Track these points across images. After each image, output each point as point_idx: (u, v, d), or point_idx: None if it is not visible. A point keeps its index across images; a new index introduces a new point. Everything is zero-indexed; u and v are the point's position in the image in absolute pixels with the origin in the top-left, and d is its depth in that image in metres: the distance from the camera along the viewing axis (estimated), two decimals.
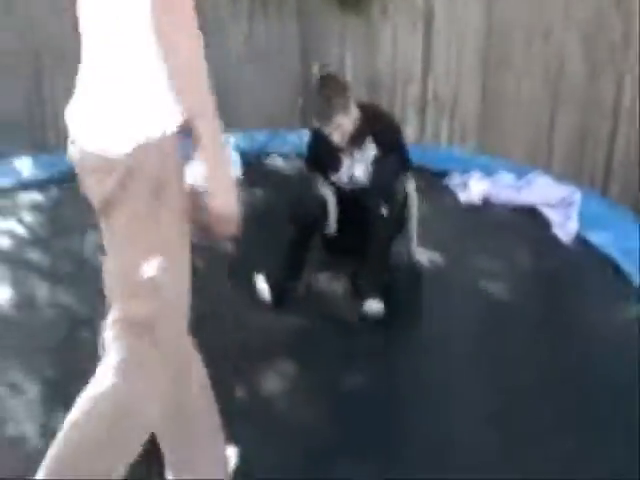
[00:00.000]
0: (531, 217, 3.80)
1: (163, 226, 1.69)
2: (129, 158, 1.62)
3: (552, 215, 3.73)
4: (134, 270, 1.69)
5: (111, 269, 1.78)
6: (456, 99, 5.26)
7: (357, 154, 3.24)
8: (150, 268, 1.67)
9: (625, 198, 4.82)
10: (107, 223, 1.73)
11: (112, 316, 1.76)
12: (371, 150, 3.24)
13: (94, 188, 1.70)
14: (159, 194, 1.65)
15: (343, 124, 3.14)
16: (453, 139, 5.32)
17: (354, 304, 3.08)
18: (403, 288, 3.32)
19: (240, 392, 2.59)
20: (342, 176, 3.30)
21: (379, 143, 3.23)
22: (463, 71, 5.26)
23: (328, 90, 3.17)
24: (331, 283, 3.30)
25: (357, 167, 3.27)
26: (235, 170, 4.22)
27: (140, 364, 1.73)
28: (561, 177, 4.29)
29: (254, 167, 4.33)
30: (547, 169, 4.80)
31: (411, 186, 3.32)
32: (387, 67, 5.39)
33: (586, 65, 4.95)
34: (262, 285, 3.15)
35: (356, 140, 3.22)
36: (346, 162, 3.27)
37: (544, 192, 3.89)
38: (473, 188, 3.95)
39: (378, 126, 3.24)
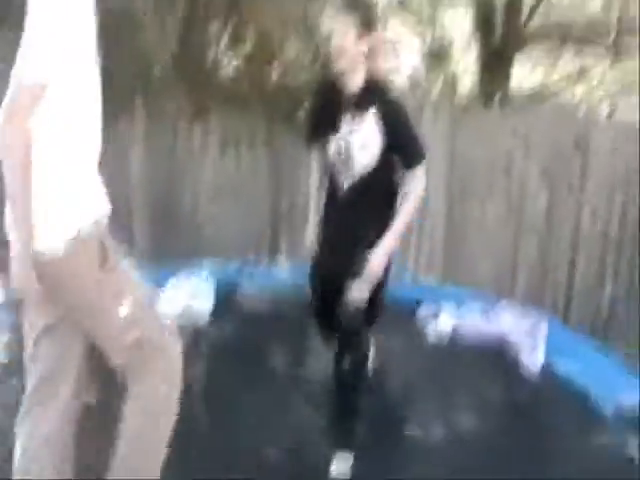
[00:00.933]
0: (498, 348, 3.87)
1: (117, 279, 2.04)
2: (69, 250, 1.87)
3: (519, 345, 3.82)
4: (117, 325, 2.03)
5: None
6: (422, 228, 5.42)
7: (357, 119, 2.88)
8: (124, 308, 2.02)
9: (584, 323, 4.99)
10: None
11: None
12: (370, 123, 2.87)
13: (42, 280, 1.88)
14: (104, 265, 1.98)
15: (349, 49, 2.77)
16: (419, 267, 5.45)
17: None
18: (374, 423, 3.23)
19: None
20: (339, 142, 2.94)
21: (383, 118, 2.85)
22: (428, 202, 5.43)
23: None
24: None
25: (354, 136, 2.90)
26: (207, 301, 4.26)
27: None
28: (524, 303, 4.40)
29: (225, 299, 4.37)
30: (511, 295, 4.94)
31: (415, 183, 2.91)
32: None
33: (546, 197, 5.19)
34: None
35: (359, 103, 2.87)
36: (345, 126, 2.92)
37: (511, 323, 4.00)
38: (442, 320, 4.05)
39: (384, 97, 2.89)
